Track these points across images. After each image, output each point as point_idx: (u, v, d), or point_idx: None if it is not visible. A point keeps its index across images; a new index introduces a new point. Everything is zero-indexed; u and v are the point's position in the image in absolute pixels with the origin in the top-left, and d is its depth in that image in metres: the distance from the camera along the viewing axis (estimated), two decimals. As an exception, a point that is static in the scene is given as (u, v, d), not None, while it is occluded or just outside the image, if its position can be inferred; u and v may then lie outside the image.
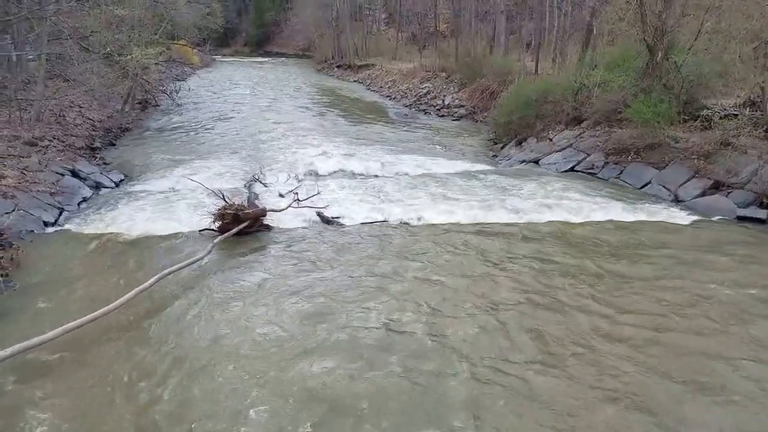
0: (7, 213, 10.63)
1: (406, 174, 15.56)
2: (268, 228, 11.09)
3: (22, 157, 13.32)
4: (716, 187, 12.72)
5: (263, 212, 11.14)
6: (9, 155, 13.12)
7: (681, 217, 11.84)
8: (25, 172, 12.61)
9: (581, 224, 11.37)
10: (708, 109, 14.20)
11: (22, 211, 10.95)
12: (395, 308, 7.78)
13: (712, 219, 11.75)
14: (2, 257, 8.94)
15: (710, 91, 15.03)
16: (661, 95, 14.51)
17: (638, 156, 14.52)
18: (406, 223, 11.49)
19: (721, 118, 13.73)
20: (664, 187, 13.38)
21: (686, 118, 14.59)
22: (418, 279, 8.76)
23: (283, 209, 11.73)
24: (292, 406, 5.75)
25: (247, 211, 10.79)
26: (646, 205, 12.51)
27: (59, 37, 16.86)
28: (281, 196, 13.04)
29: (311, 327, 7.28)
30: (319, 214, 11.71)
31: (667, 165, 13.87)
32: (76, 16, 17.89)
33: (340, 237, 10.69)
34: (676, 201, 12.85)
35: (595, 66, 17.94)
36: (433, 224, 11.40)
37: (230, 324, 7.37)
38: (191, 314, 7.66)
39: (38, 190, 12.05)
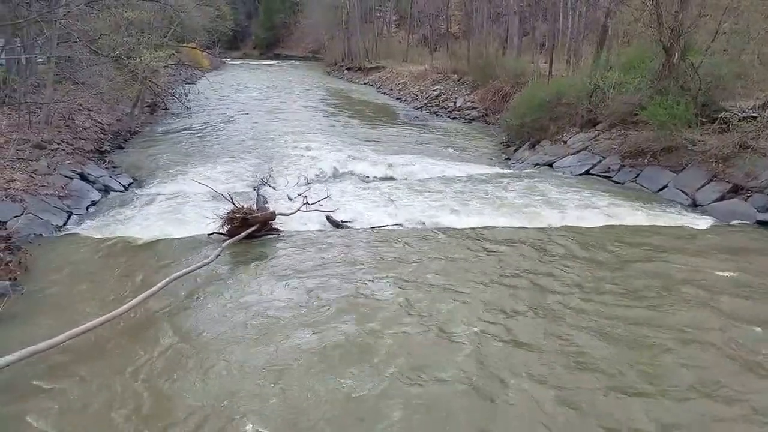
0: (15, 216, 10.58)
1: (418, 177, 15.39)
2: (278, 232, 10.97)
3: (31, 161, 13.26)
4: (735, 190, 12.46)
5: (272, 216, 11.02)
6: (18, 158, 13.07)
7: (699, 221, 11.62)
8: (33, 175, 12.56)
9: (597, 228, 11.20)
10: (726, 111, 13.89)
11: (30, 215, 10.89)
12: (407, 315, 7.62)
13: (731, 224, 11.52)
14: (10, 261, 8.86)
15: (728, 93, 14.70)
16: (677, 97, 14.23)
17: (654, 159, 14.27)
18: (417, 228, 11.33)
19: (739, 120, 13.45)
20: (681, 190, 13.13)
21: (704, 120, 14.29)
22: (430, 285, 8.57)
23: (293, 213, 11.62)
24: (305, 410, 5.64)
25: (256, 214, 10.72)
26: (663, 209, 12.30)
27: (68, 40, 16.80)
28: (290, 199, 12.91)
29: (323, 332, 7.16)
30: (328, 218, 11.57)
31: (684, 168, 13.63)
32: (86, 19, 17.85)
33: (351, 241, 10.53)
34: (694, 205, 12.61)
35: (610, 67, 17.71)
36: (446, 228, 11.23)
37: (239, 328, 7.26)
38: (199, 319, 7.57)
39: (47, 194, 11.98)
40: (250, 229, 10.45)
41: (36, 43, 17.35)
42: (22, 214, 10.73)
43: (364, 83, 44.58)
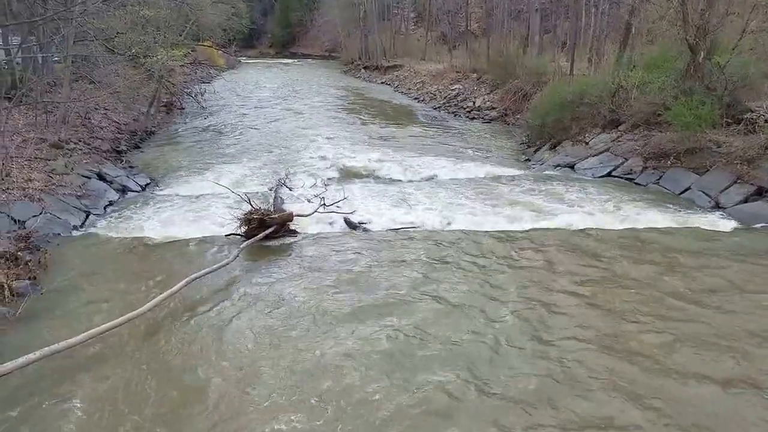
0: (34, 216, 10.66)
1: (436, 178, 15.23)
2: (295, 233, 10.91)
3: (49, 160, 13.33)
4: (760, 193, 12.20)
5: (289, 217, 10.95)
6: (36, 158, 13.12)
7: (721, 224, 11.41)
8: (51, 175, 12.62)
9: (618, 230, 11.04)
10: (752, 111, 13.63)
11: (49, 215, 10.96)
12: (422, 319, 7.56)
13: (755, 227, 11.29)
14: (30, 260, 8.93)
15: (755, 93, 14.38)
16: (702, 97, 13.89)
17: (678, 161, 13.97)
18: (435, 229, 11.20)
19: (766, 121, 13.16)
20: (704, 193, 12.86)
21: (729, 121, 13.99)
22: (449, 287, 8.50)
23: (310, 214, 11.53)
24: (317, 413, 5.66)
25: (273, 215, 10.67)
26: (686, 211, 12.08)
27: (85, 38, 16.82)
28: (307, 200, 12.81)
29: (340, 334, 7.17)
30: (345, 220, 11.47)
31: (707, 170, 13.33)
32: (102, 18, 17.81)
33: (368, 243, 10.47)
34: (717, 207, 12.36)
35: (634, 66, 17.35)
36: (464, 230, 11.09)
37: (258, 330, 7.28)
38: (218, 319, 7.60)
39: (65, 193, 12.05)
40: (267, 230, 10.41)
41: (52, 42, 17.41)
42: (40, 214, 10.82)
43: (381, 82, 44.29)
